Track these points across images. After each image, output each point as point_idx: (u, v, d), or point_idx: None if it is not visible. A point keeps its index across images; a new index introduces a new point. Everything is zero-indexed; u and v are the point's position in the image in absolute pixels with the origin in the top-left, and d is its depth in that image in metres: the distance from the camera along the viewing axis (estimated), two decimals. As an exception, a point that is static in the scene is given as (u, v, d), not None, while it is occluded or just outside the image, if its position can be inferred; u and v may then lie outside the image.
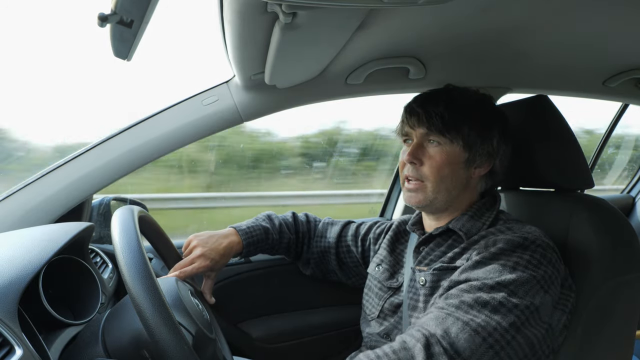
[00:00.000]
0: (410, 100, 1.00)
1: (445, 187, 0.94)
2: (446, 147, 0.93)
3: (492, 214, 0.96)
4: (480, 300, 0.76)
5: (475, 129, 0.93)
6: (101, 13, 0.69)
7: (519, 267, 0.80)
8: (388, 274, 1.08)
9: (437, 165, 0.93)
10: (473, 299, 0.77)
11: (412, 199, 0.96)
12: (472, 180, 0.97)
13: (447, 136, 0.92)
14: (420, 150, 0.94)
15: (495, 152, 0.96)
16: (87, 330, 0.82)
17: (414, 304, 0.94)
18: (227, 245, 1.13)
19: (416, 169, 0.95)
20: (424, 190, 0.94)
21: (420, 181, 0.94)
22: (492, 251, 0.83)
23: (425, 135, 0.95)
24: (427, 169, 0.94)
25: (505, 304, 0.76)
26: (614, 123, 2.38)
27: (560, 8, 0.88)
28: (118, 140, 1.16)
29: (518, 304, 0.76)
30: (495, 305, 0.76)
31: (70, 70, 2.39)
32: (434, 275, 0.90)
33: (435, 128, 0.92)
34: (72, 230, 0.90)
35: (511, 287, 0.78)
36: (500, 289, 0.77)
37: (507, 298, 0.76)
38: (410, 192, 0.96)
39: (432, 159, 0.93)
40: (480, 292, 0.78)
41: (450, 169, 0.93)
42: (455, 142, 0.92)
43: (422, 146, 0.95)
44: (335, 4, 0.61)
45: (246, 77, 1.11)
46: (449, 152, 0.93)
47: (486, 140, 0.94)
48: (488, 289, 0.78)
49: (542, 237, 0.86)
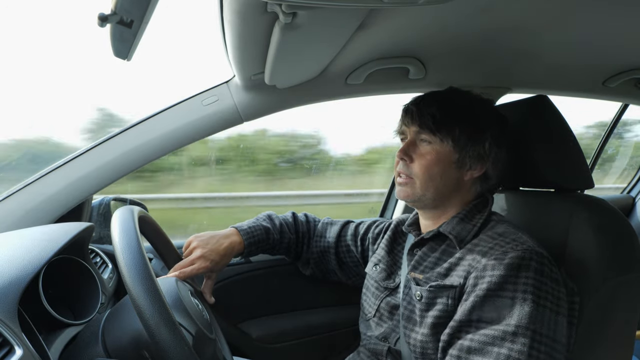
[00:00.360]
0: (409, 100, 1.02)
1: (434, 186, 0.94)
2: (436, 146, 0.94)
3: (483, 216, 0.95)
4: (513, 358, 0.75)
5: (466, 130, 0.93)
6: (101, 13, 0.69)
7: (528, 295, 0.78)
8: (385, 274, 1.08)
9: (426, 163, 0.94)
10: (504, 357, 0.75)
11: (401, 192, 0.98)
12: (465, 182, 0.97)
13: (437, 135, 0.93)
14: (411, 148, 0.96)
15: (487, 155, 0.95)
16: (87, 330, 0.82)
17: (409, 315, 0.93)
18: (227, 246, 1.13)
19: (407, 166, 0.96)
20: (412, 185, 0.96)
21: (410, 177, 0.96)
22: (495, 281, 0.80)
23: (417, 134, 0.96)
24: (416, 166, 0.95)
25: (533, 349, 0.75)
26: (614, 123, 2.38)
27: (560, 8, 0.88)
28: (118, 140, 1.16)
29: (541, 340, 0.76)
30: (525, 358, 0.75)
31: (70, 70, 2.39)
32: (430, 292, 0.89)
33: (427, 126, 0.94)
34: (72, 230, 0.90)
35: (532, 327, 0.76)
36: (524, 334, 0.76)
37: (532, 342, 0.75)
38: (400, 187, 0.98)
39: (422, 157, 0.95)
40: (505, 342, 0.76)
41: (439, 168, 0.94)
42: (446, 142, 0.93)
43: (415, 144, 0.96)
44: (335, 4, 0.61)
45: (246, 77, 1.11)
46: (439, 151, 0.93)
47: (477, 143, 0.94)
48: (511, 336, 0.76)
49: (535, 248, 0.84)
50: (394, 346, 0.98)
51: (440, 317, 0.86)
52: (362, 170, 3.80)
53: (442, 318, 0.86)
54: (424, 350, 0.88)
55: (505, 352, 0.75)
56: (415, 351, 0.89)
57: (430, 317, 0.87)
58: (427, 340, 0.87)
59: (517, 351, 0.75)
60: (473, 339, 0.79)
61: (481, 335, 0.79)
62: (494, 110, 1.00)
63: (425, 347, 0.87)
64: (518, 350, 0.75)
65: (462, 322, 0.82)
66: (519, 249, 0.83)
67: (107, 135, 1.16)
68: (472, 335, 0.80)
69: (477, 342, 0.79)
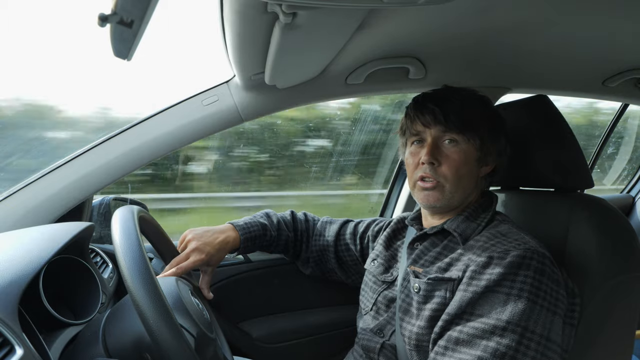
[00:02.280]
0: (420, 98, 0.98)
1: (462, 187, 0.93)
2: (463, 145, 0.92)
3: (488, 215, 0.95)
4: (499, 354, 0.74)
5: (489, 128, 0.94)
6: (101, 13, 0.68)
7: (524, 293, 0.78)
8: (383, 268, 1.08)
9: (455, 164, 0.91)
10: (492, 350, 0.75)
11: (430, 197, 0.93)
12: (480, 179, 0.98)
13: (465, 134, 0.91)
14: (437, 150, 0.93)
15: (504, 150, 0.98)
16: (87, 330, 0.82)
17: (406, 307, 0.93)
18: (223, 240, 1.13)
19: (434, 170, 0.92)
20: (441, 190, 0.93)
21: (437, 181, 0.93)
22: (493, 278, 0.80)
23: (440, 134, 0.93)
24: (445, 169, 0.92)
25: (522, 345, 0.75)
26: (614, 123, 2.39)
27: (560, 8, 0.88)
28: (118, 140, 1.16)
29: (532, 338, 0.76)
30: (512, 354, 0.74)
31: (70, 69, 2.40)
32: (428, 284, 0.89)
33: (454, 126, 0.91)
34: (72, 230, 0.90)
35: (523, 324, 0.75)
36: (513, 330, 0.75)
37: (522, 338, 0.75)
38: (427, 191, 0.93)
39: (449, 158, 0.92)
40: (493, 336, 0.76)
41: (467, 168, 0.92)
42: (472, 141, 0.92)
43: (438, 146, 0.93)
44: (335, 4, 0.61)
45: (246, 77, 1.11)
46: (466, 151, 0.92)
47: (497, 139, 0.96)
48: (501, 331, 0.76)
49: (538, 249, 0.83)
50: (389, 340, 0.98)
51: (438, 310, 0.86)
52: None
53: (439, 311, 0.85)
54: (419, 342, 0.87)
55: (493, 346, 0.75)
56: (410, 343, 0.89)
57: (428, 310, 0.87)
58: (423, 332, 0.87)
59: (505, 345, 0.74)
60: (462, 331, 0.79)
61: (471, 328, 0.79)
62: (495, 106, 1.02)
63: (421, 339, 0.87)
64: (506, 345, 0.74)
65: (455, 315, 0.82)
66: (521, 248, 0.83)
67: (107, 135, 1.16)
68: (462, 328, 0.80)
69: (466, 334, 0.78)
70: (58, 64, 2.20)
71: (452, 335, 0.80)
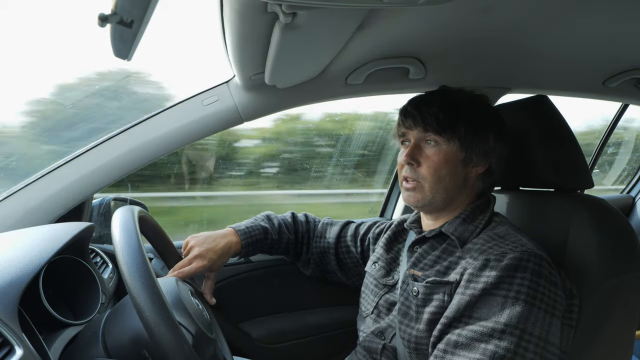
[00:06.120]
0: (406, 103, 1.01)
1: (443, 187, 0.94)
2: (443, 146, 0.93)
3: (485, 217, 0.95)
4: (498, 357, 0.75)
5: (471, 128, 0.93)
6: (101, 13, 0.68)
7: (522, 295, 0.78)
8: (384, 271, 1.08)
9: (434, 165, 0.93)
10: (490, 353, 0.75)
11: (410, 198, 0.97)
12: (470, 179, 0.97)
13: (443, 136, 0.92)
14: (417, 151, 0.95)
15: (492, 150, 0.96)
16: (87, 330, 0.82)
17: (406, 311, 0.93)
18: (224, 245, 1.13)
19: (414, 170, 0.95)
20: (421, 190, 0.95)
21: (417, 181, 0.95)
22: (490, 281, 0.80)
23: (421, 136, 0.95)
24: (424, 169, 0.94)
25: (520, 347, 0.75)
26: (614, 123, 2.39)
27: (560, 8, 0.88)
28: (118, 140, 1.16)
29: (530, 340, 0.76)
30: (511, 357, 0.75)
31: (70, 69, 2.40)
32: (426, 288, 0.89)
33: (431, 128, 0.93)
34: (72, 230, 0.90)
35: (521, 326, 0.76)
36: (512, 332, 0.75)
37: (520, 340, 0.75)
38: (409, 192, 0.97)
39: (429, 159, 0.94)
40: (492, 339, 0.76)
41: (447, 168, 0.93)
42: (452, 142, 0.93)
43: (419, 147, 0.95)
44: (335, 4, 0.61)
45: (246, 77, 1.11)
46: (446, 151, 0.93)
47: (482, 139, 0.94)
48: (499, 334, 0.76)
49: (535, 251, 0.83)
50: (389, 342, 0.98)
51: (436, 313, 0.86)
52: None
53: (438, 314, 0.86)
54: (418, 345, 0.88)
55: (492, 349, 0.75)
56: (409, 347, 0.89)
57: (427, 313, 0.87)
58: (422, 336, 0.87)
59: (504, 348, 0.75)
60: (461, 334, 0.80)
61: (469, 331, 0.79)
62: (490, 106, 1.01)
63: (420, 342, 0.87)
64: (505, 348, 0.75)
65: (453, 318, 0.82)
66: (517, 250, 0.83)
67: (107, 135, 1.16)
68: (461, 331, 0.80)
69: (464, 337, 0.79)
70: (58, 64, 2.21)
71: (450, 339, 0.80)
